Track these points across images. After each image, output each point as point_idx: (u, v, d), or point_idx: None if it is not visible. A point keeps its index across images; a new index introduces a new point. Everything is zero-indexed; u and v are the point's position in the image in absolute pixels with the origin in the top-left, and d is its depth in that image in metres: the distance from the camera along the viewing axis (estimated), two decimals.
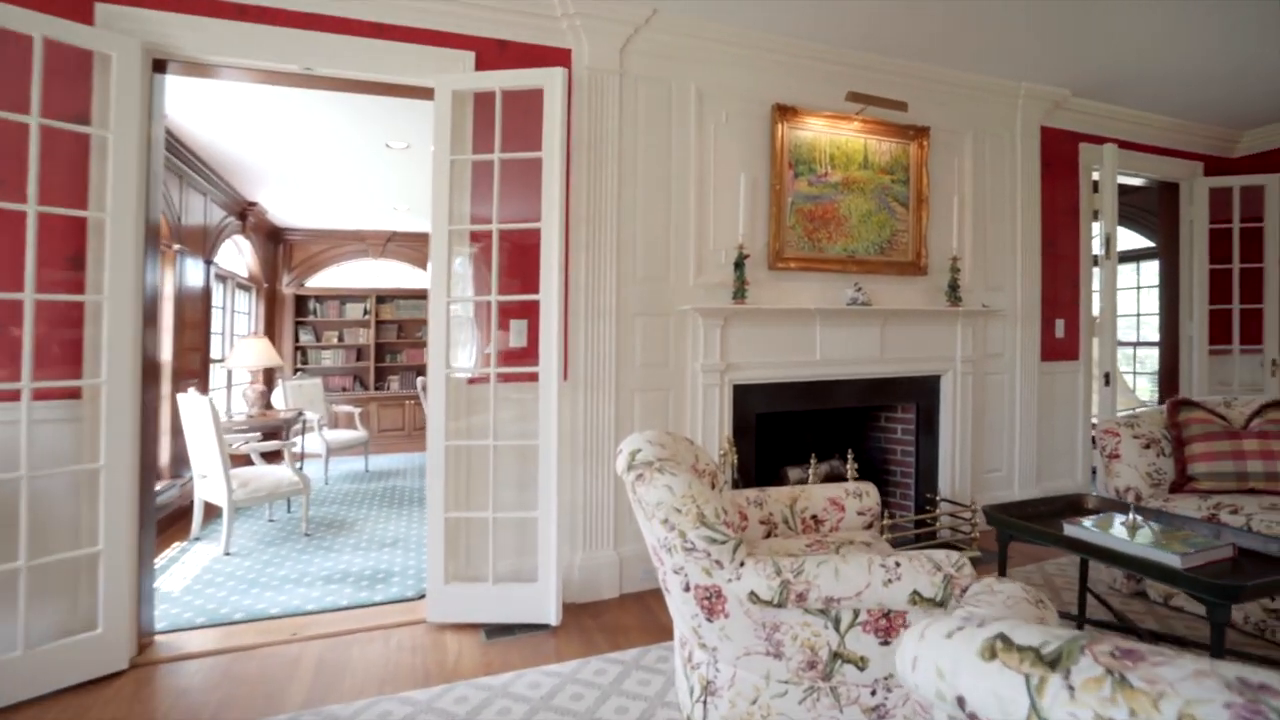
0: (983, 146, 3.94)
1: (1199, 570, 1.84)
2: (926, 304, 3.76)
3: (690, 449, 2.18)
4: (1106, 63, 3.72)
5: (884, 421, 4.09)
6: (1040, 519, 2.40)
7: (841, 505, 2.39)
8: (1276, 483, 2.75)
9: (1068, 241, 4.41)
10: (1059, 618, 1.58)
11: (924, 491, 3.87)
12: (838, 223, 3.41)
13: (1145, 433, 3.07)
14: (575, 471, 2.96)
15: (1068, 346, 4.45)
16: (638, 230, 3.07)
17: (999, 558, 2.34)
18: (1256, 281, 4.94)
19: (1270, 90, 4.25)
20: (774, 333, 3.30)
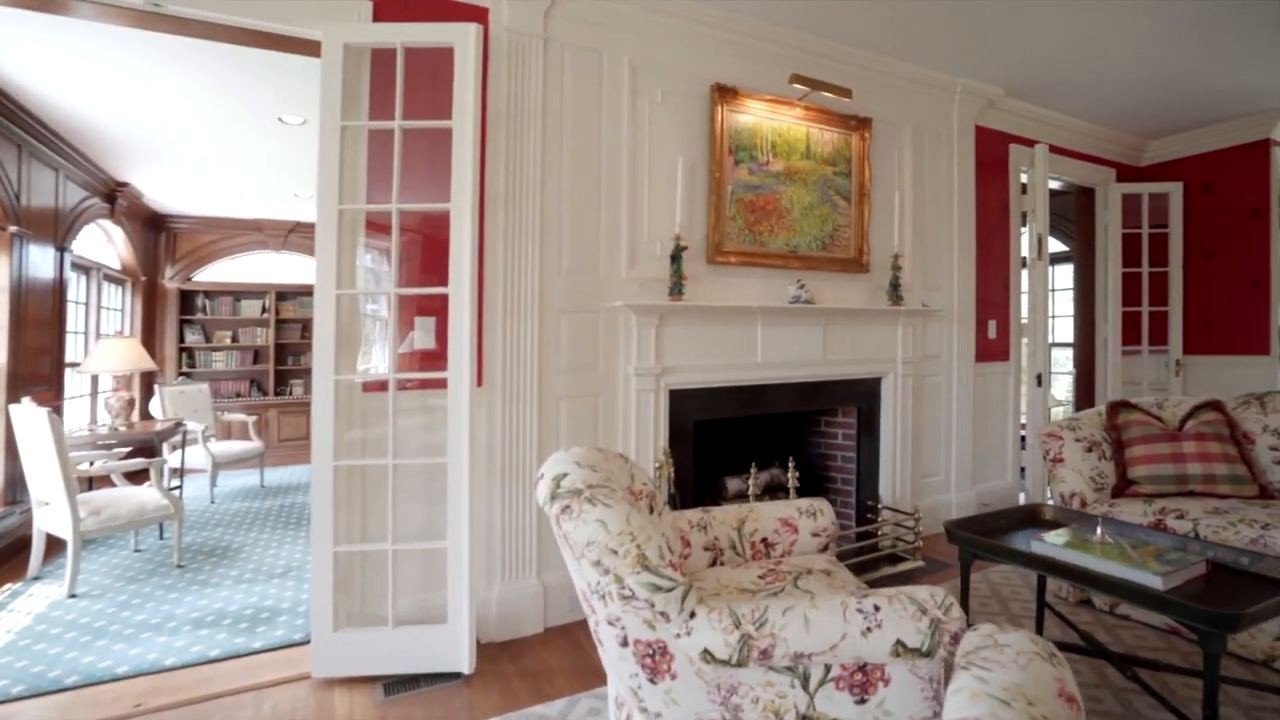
0: (922, 142, 3.84)
1: (1179, 591, 1.70)
2: (868, 303, 3.61)
3: (625, 467, 1.87)
4: (1038, 62, 3.69)
5: (824, 426, 3.93)
6: (1000, 534, 2.23)
7: (794, 526, 2.14)
8: (1214, 485, 2.72)
9: (999, 242, 4.41)
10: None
11: (865, 498, 3.72)
12: (779, 215, 3.20)
13: (1086, 435, 3.01)
14: (492, 491, 2.58)
15: (1000, 347, 4.45)
16: (564, 216, 2.73)
17: (961, 580, 2.16)
18: (1164, 285, 5.15)
19: (1177, 102, 4.39)
20: (713, 333, 3.04)
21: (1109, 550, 1.91)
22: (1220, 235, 4.95)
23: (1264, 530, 2.34)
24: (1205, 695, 1.53)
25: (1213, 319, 5.02)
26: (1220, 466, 2.73)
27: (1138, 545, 1.94)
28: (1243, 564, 1.90)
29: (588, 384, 2.79)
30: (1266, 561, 1.86)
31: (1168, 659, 2.37)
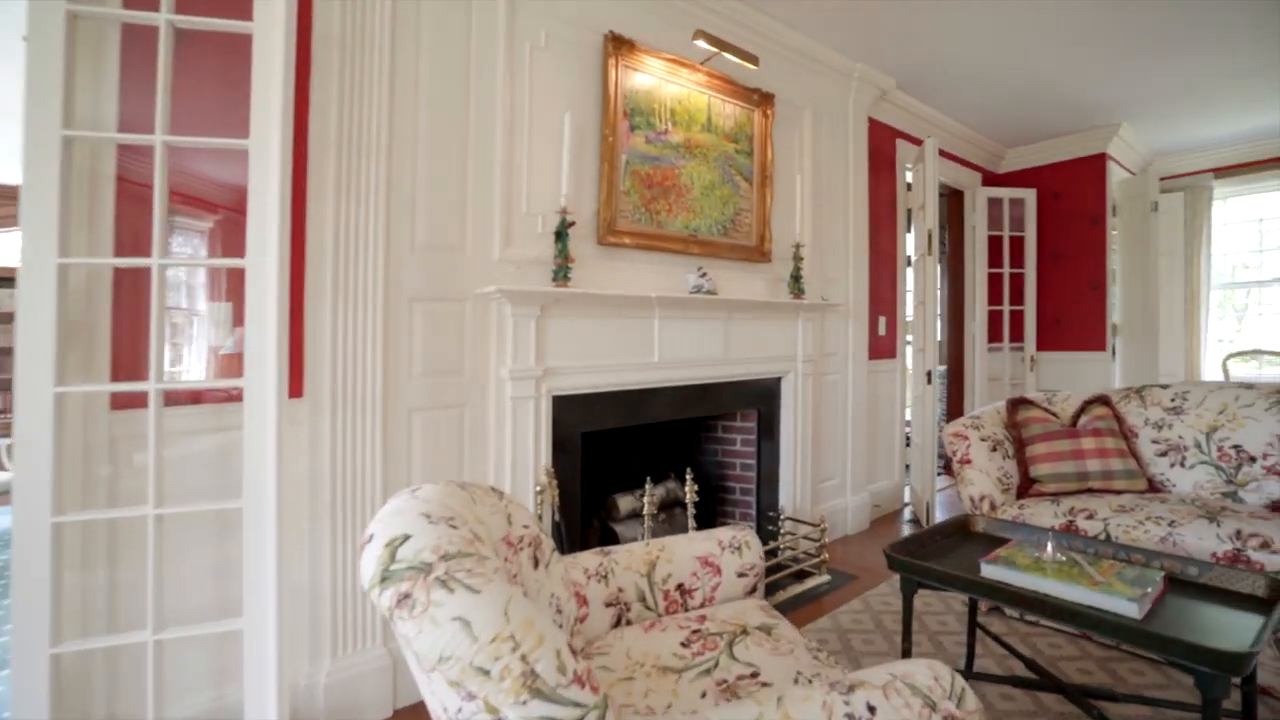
0: (821, 127, 3.63)
1: (1158, 620, 1.47)
2: (770, 295, 3.32)
3: (499, 508, 1.34)
4: (928, 54, 3.63)
5: (721, 432, 3.59)
6: (940, 555, 1.96)
7: (716, 565, 1.72)
8: (1110, 481, 2.69)
9: (887, 239, 4.35)
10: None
11: (765, 508, 3.43)
12: (679, 193, 2.79)
13: (990, 434, 2.90)
14: (318, 539, 1.92)
15: (888, 345, 4.39)
16: (420, 176, 2.13)
17: (904, 615, 1.85)
18: (1021, 285, 5.43)
19: (1036, 111, 4.60)
20: (605, 327, 2.57)
21: (1067, 570, 1.68)
22: (1066, 240, 5.30)
23: (1170, 528, 2.27)
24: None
25: (1060, 317, 5.37)
26: (1116, 462, 2.70)
27: (1093, 561, 1.73)
28: (1192, 575, 1.75)
29: (450, 391, 2.20)
30: (1215, 571, 1.72)
31: (1085, 667, 2.25)
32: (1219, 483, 2.65)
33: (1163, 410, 2.87)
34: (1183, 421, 2.80)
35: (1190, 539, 2.21)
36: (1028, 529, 2.10)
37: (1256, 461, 2.58)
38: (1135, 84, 4.17)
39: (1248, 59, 3.83)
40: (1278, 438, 2.56)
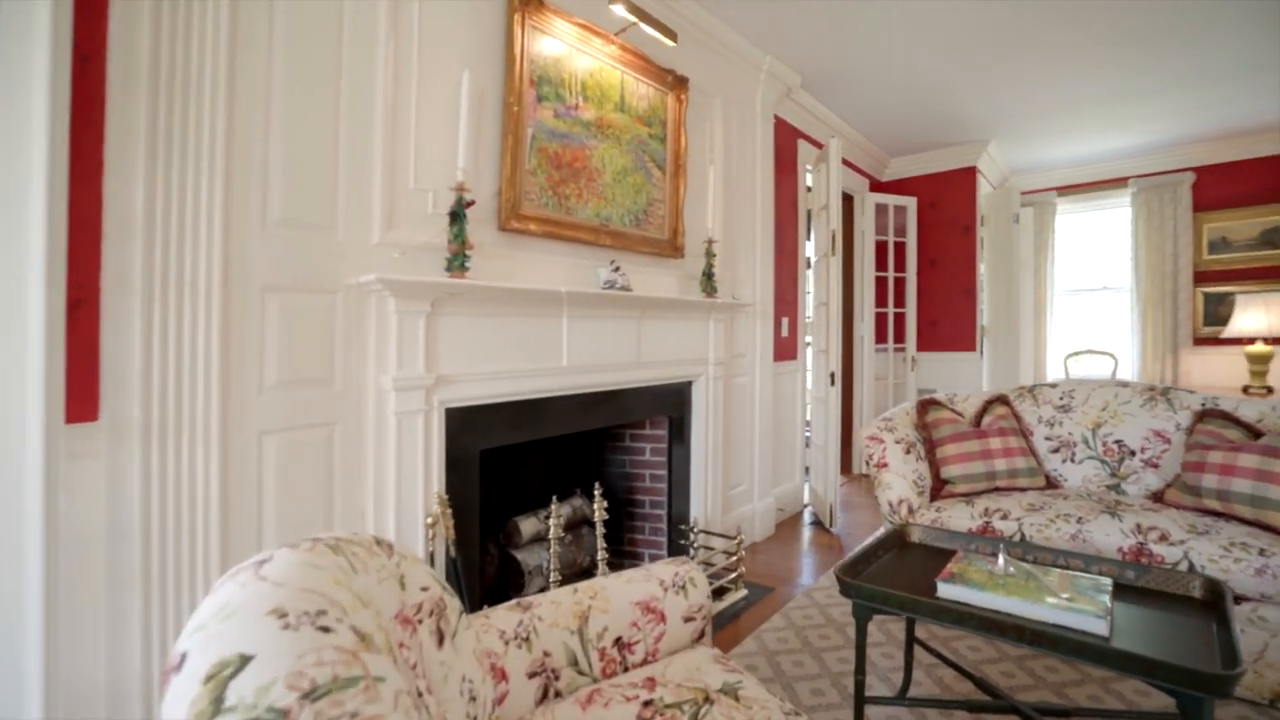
0: (732, 119, 3.48)
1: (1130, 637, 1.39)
2: (683, 293, 3.11)
3: (389, 569, 0.99)
4: (832, 51, 3.61)
5: (629, 441, 3.33)
6: (887, 575, 1.82)
7: (659, 611, 1.44)
8: (1015, 479, 2.74)
9: (789, 239, 4.31)
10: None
11: (677, 521, 3.22)
12: (590, 177, 2.50)
13: (903, 437, 2.87)
14: (121, 620, 1.41)
15: (790, 346, 4.36)
16: (274, 132, 1.67)
17: (858, 643, 1.68)
18: (904, 289, 5.68)
19: (920, 121, 4.79)
20: (508, 326, 2.21)
21: (1024, 585, 1.58)
22: (942, 247, 5.60)
23: (1079, 525, 2.32)
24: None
25: (937, 319, 5.67)
26: (1020, 460, 2.76)
27: (1044, 571, 1.65)
28: (1129, 578, 1.72)
29: (316, 407, 1.75)
30: (1152, 574, 1.71)
31: (1006, 669, 2.23)
32: (1104, 476, 2.78)
33: (1053, 408, 3.00)
34: (1071, 419, 2.93)
35: (1098, 535, 2.26)
36: (966, 537, 2.03)
37: (1136, 455, 2.73)
38: (1002, 105, 4.45)
39: (1089, 87, 4.19)
40: (1153, 432, 2.72)
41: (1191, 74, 4.07)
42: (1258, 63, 3.91)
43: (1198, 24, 3.42)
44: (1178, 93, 4.37)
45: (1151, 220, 5.70)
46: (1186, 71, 4.03)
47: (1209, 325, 5.55)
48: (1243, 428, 2.44)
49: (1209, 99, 4.48)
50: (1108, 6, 3.21)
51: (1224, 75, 4.09)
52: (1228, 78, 4.14)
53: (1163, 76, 4.09)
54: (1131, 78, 4.09)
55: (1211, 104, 4.58)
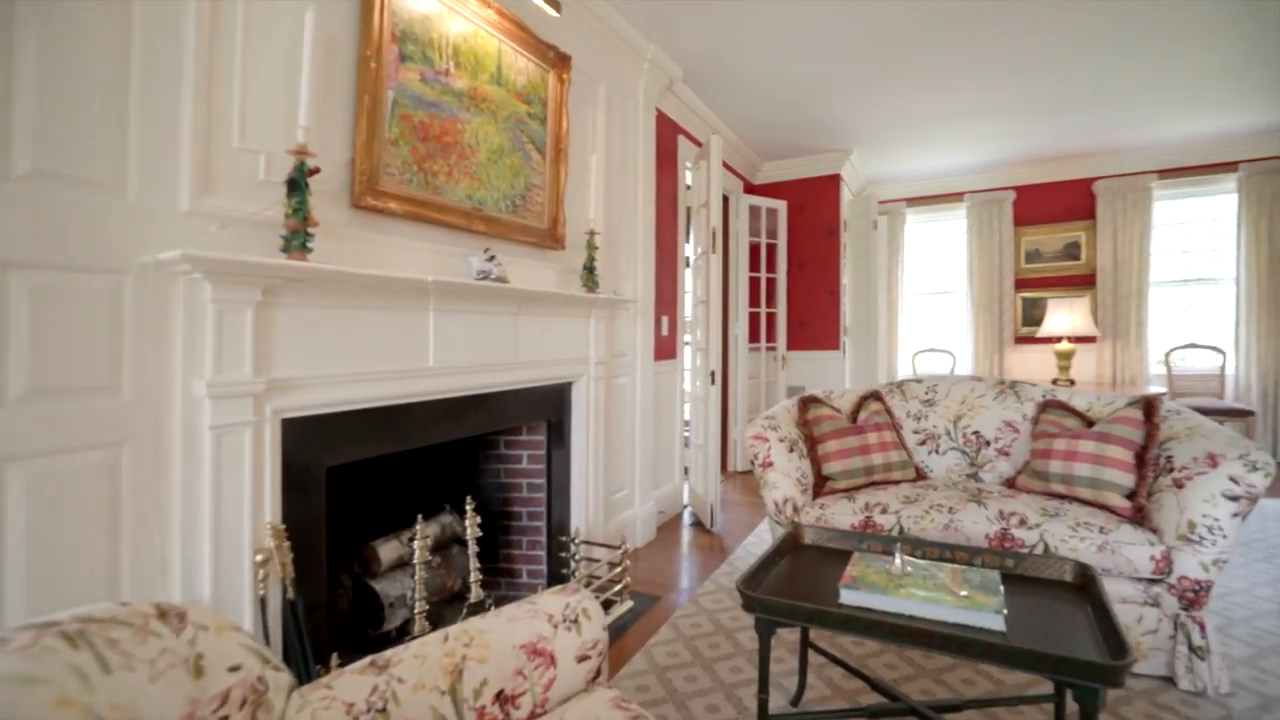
0: (614, 106, 3.32)
1: (1025, 633, 1.40)
2: (563, 287, 2.90)
3: (176, 650, 0.70)
4: (713, 45, 3.57)
5: (504, 449, 3.06)
6: (788, 584, 1.74)
7: (548, 653, 1.23)
8: (890, 473, 2.83)
9: (669, 236, 4.25)
10: None
11: (557, 533, 3.01)
12: (461, 154, 2.21)
13: (787, 435, 2.87)
14: None
15: (670, 345, 4.29)
16: (22, 49, 1.24)
17: (761, 657, 1.57)
18: (775, 289, 5.87)
19: (791, 126, 4.95)
20: (364, 321, 1.88)
21: (920, 583, 1.56)
22: (810, 250, 5.85)
23: (951, 514, 2.41)
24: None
25: (805, 319, 5.92)
26: (894, 454, 2.86)
27: (938, 567, 1.65)
28: (1009, 566, 1.78)
29: (94, 423, 1.33)
30: (1028, 559, 1.77)
31: (889, 661, 2.27)
32: (964, 466, 2.96)
33: (919, 403, 3.15)
34: (935, 412, 3.09)
35: (968, 523, 2.36)
36: (857, 536, 2.01)
37: (991, 445, 2.93)
38: (866, 115, 4.71)
39: (937, 106, 4.55)
40: (1004, 422, 2.94)
41: (1014, 103, 4.54)
42: (1067, 96, 4.44)
43: (1021, 56, 3.79)
44: (1004, 119, 4.87)
45: (982, 232, 6.35)
46: (1009, 100, 4.49)
47: (1026, 326, 6.29)
48: (1078, 416, 2.68)
49: (1028, 126, 5.04)
50: (960, 32, 3.46)
51: (1040, 106, 4.61)
52: (1044, 108, 4.67)
53: (993, 103, 4.52)
54: (969, 100, 4.48)
55: (1030, 131, 5.16)
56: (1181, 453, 2.24)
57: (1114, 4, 3.25)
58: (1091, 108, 4.66)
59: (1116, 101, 4.55)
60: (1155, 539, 2.11)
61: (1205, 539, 2.02)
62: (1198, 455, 2.15)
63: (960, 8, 3.25)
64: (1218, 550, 2.01)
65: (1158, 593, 2.09)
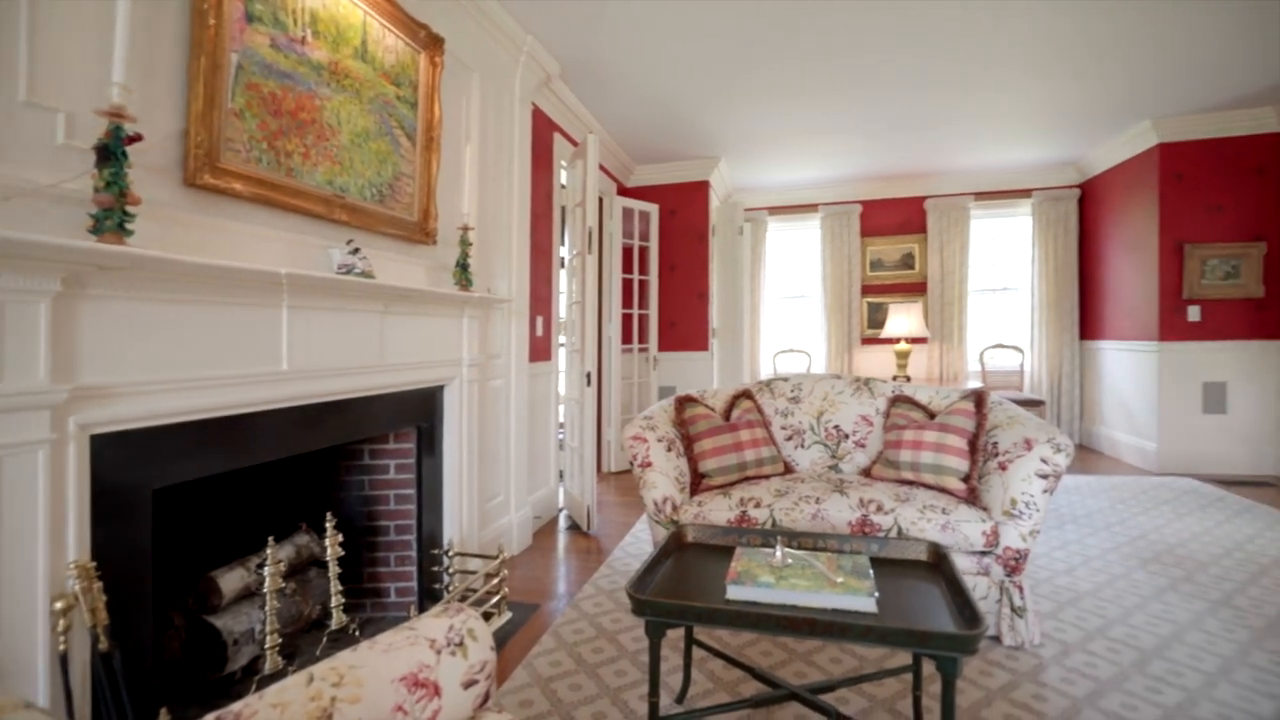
0: (489, 97, 3.18)
1: (893, 613, 1.51)
2: (434, 284, 2.73)
3: None
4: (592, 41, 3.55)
5: (369, 458, 2.82)
6: (676, 584, 1.75)
7: (431, 683, 1.13)
8: (761, 468, 2.97)
9: (544, 235, 4.16)
10: None
11: (429, 546, 2.83)
12: (321, 134, 1.99)
13: (665, 435, 2.91)
14: None
15: (545, 346, 4.21)
16: None
17: (651, 662, 1.56)
18: (647, 291, 5.96)
19: (663, 130, 5.06)
20: (202, 318, 1.63)
21: (801, 574, 1.64)
22: (681, 253, 6.02)
23: (818, 504, 2.58)
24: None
25: (675, 321, 6.08)
26: (764, 450, 3.00)
27: (816, 556, 1.74)
28: (874, 551, 1.92)
29: None
30: (890, 543, 1.92)
31: (765, 649, 2.37)
32: (826, 458, 3.18)
33: (786, 400, 3.34)
34: (801, 409, 3.29)
35: (833, 512, 2.54)
36: (738, 530, 2.08)
37: (850, 438, 3.18)
38: (735, 125, 4.93)
39: (796, 120, 4.88)
40: (860, 417, 3.20)
41: (863, 126, 4.99)
42: (906, 123, 4.95)
43: (871, 85, 4.16)
44: (854, 139, 5.33)
45: (834, 241, 6.90)
46: (859, 123, 4.92)
47: (871, 328, 6.93)
48: (922, 409, 2.98)
49: (874, 146, 5.55)
50: (817, 57, 3.72)
51: (884, 130, 5.10)
52: (887, 132, 5.16)
53: (846, 124, 4.93)
54: (825, 120, 4.84)
55: (875, 151, 5.69)
56: (1004, 439, 2.56)
57: (945, 48, 3.66)
58: (925, 134, 5.24)
59: (944, 131, 5.15)
60: (985, 516, 2.39)
61: (1024, 513, 2.32)
62: (1017, 441, 2.47)
63: (819, 34, 3.50)
64: (1033, 522, 2.32)
65: (988, 563, 2.37)
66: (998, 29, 3.50)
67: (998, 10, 3.32)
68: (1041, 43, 3.66)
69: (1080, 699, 2.00)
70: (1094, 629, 2.48)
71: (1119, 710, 1.93)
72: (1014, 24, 3.46)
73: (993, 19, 3.40)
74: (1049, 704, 1.97)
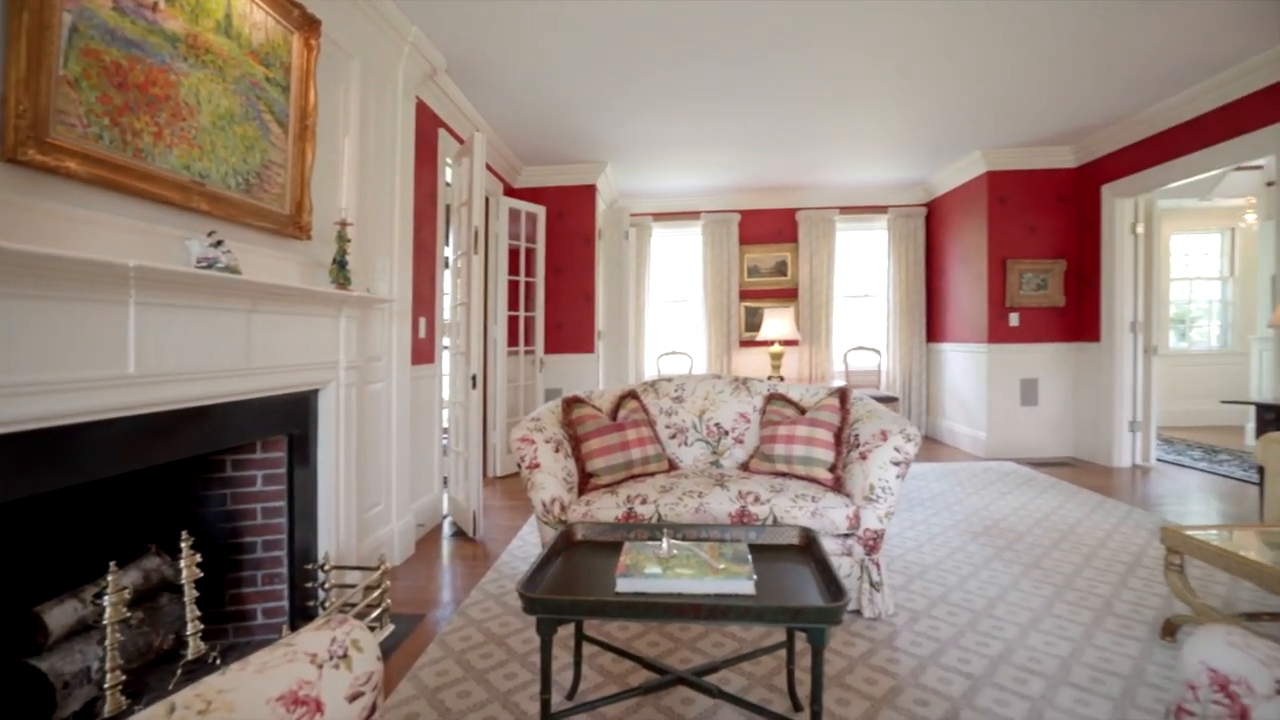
0: (370, 87, 3.02)
1: (770, 593, 1.64)
2: (308, 282, 2.57)
3: None
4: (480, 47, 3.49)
5: (231, 470, 2.59)
6: (566, 581, 1.78)
7: (313, 700, 1.08)
8: (647, 465, 3.07)
9: (428, 235, 4.02)
10: None
11: (302, 560, 2.65)
12: (176, 113, 1.82)
13: (552, 436, 2.93)
14: None
15: (428, 348, 4.07)
16: None
17: (543, 660, 1.58)
18: (534, 293, 5.92)
19: (550, 133, 5.07)
20: (22, 315, 1.43)
21: (686, 562, 1.73)
22: (567, 256, 6.04)
23: (700, 499, 2.71)
24: (814, 687, 1.48)
25: (562, 323, 6.10)
26: (650, 448, 3.10)
27: (700, 545, 1.84)
28: (753, 539, 2.06)
29: None
30: (766, 530, 2.07)
31: (653, 639, 2.47)
32: (708, 454, 3.34)
33: (670, 400, 3.47)
34: (684, 408, 3.43)
35: (714, 505, 2.68)
36: (625, 526, 2.14)
37: (729, 434, 3.36)
38: (618, 132, 5.04)
39: (678, 131, 5.09)
40: (739, 414, 3.39)
41: (742, 138, 5.28)
42: (781, 139, 5.30)
43: (748, 99, 4.43)
44: (733, 150, 5.63)
45: (715, 248, 7.23)
46: (738, 135, 5.21)
47: (748, 331, 7.32)
48: (794, 406, 3.22)
49: (752, 159, 5.89)
50: (696, 71, 3.91)
51: (761, 144, 5.43)
52: (764, 146, 5.50)
53: (727, 136, 5.20)
54: (707, 132, 5.08)
55: (753, 163, 6.04)
56: (864, 431, 2.83)
57: (812, 73, 3.98)
58: (797, 150, 5.64)
59: (814, 148, 5.58)
60: (849, 501, 2.64)
61: (881, 497, 2.59)
62: (875, 432, 2.75)
63: (698, 48, 3.67)
64: (888, 505, 2.59)
65: (851, 544, 2.61)
66: (858, 60, 3.87)
67: (858, 43, 3.66)
68: (897, 75, 4.08)
69: (925, 658, 2.27)
70: (936, 596, 2.81)
71: (955, 664, 2.22)
72: (873, 59, 3.83)
73: (855, 51, 3.75)
74: (901, 665, 2.22)
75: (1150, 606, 2.67)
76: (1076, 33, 3.53)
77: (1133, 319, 5.41)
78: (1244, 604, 2.69)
